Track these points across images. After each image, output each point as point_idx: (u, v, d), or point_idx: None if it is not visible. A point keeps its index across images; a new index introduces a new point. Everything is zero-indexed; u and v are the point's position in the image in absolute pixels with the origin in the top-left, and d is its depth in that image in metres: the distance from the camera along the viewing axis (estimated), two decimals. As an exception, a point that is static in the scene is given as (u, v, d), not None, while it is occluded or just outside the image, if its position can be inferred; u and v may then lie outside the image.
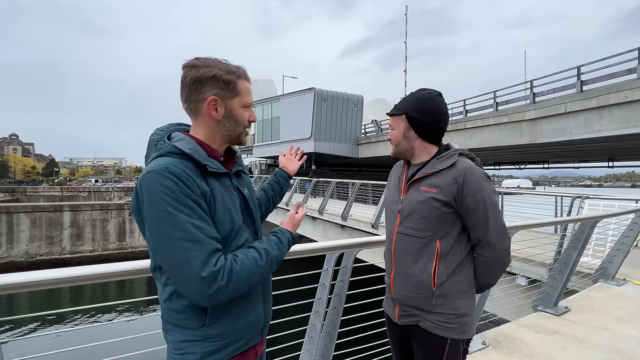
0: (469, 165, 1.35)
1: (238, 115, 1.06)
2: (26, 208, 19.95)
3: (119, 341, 1.58)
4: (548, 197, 8.77)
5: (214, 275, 0.88)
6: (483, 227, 1.33)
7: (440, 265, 1.35)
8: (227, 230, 1.00)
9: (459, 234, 1.37)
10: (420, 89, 1.46)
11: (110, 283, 12.78)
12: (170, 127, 1.10)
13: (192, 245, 0.88)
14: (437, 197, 1.35)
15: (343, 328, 2.18)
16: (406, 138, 1.45)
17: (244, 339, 1.04)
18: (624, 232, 4.44)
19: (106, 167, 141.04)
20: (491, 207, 1.32)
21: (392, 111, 1.48)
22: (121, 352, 1.56)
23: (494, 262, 1.38)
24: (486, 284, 1.45)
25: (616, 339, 2.95)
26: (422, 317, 1.39)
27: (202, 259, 0.88)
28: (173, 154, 0.97)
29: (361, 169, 25.60)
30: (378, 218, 8.97)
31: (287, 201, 14.25)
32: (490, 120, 13.08)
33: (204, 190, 0.96)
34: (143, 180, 0.92)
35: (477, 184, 1.32)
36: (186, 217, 0.89)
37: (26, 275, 1.21)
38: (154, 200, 0.90)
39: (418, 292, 1.38)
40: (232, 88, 1.04)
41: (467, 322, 1.37)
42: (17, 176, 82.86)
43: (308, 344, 2.09)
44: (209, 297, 0.90)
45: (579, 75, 10.49)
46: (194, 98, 1.02)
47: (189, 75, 1.00)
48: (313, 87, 21.84)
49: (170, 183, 0.90)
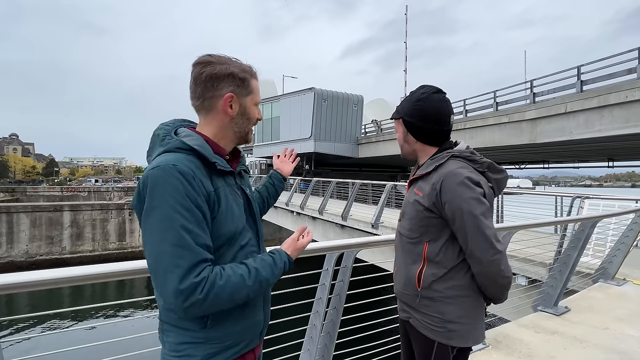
0: (451, 170, 1.27)
1: (251, 113, 1.07)
2: (26, 208, 19.95)
3: (118, 341, 1.58)
4: (548, 197, 8.77)
5: (193, 287, 0.84)
6: (463, 238, 1.26)
7: (428, 269, 1.33)
8: (231, 230, 0.98)
9: (448, 240, 1.31)
10: (419, 87, 1.42)
11: (110, 283, 12.79)
12: (175, 122, 1.07)
13: (180, 252, 0.85)
14: (420, 201, 1.33)
15: (343, 328, 2.18)
16: (406, 142, 1.44)
17: (243, 342, 1.03)
18: (624, 232, 4.44)
19: (106, 167, 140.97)
20: (469, 217, 1.21)
21: (393, 115, 1.46)
22: (121, 352, 1.56)
23: (484, 275, 1.27)
24: (492, 296, 1.33)
25: (616, 339, 2.95)
26: (411, 314, 1.42)
27: (185, 268, 0.85)
28: (181, 150, 0.95)
29: (361, 169, 25.59)
30: (378, 218, 8.97)
31: (286, 201, 14.26)
32: (490, 120, 13.08)
33: (208, 190, 0.94)
34: (149, 175, 0.89)
35: (455, 191, 1.23)
36: (183, 220, 0.87)
37: (26, 275, 1.21)
38: (156, 198, 0.87)
39: (407, 290, 1.41)
40: (247, 86, 1.04)
41: (456, 330, 1.30)
42: (17, 176, 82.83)
43: (308, 344, 2.09)
44: (183, 310, 0.86)
45: (579, 75, 10.49)
46: (210, 94, 1.00)
47: (205, 72, 0.99)
48: (313, 87, 21.82)
49: (175, 182, 0.87)
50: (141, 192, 0.90)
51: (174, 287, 0.84)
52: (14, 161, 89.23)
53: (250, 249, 1.05)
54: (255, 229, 1.10)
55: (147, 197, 0.88)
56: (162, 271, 0.86)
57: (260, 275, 0.97)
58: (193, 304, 0.85)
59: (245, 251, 1.03)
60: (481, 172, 1.32)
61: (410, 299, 1.40)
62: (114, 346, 1.58)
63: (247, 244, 1.04)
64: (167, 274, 0.85)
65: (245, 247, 1.03)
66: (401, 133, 1.44)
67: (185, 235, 0.86)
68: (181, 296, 0.84)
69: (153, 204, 0.87)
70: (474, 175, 1.27)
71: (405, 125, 1.41)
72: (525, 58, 32.38)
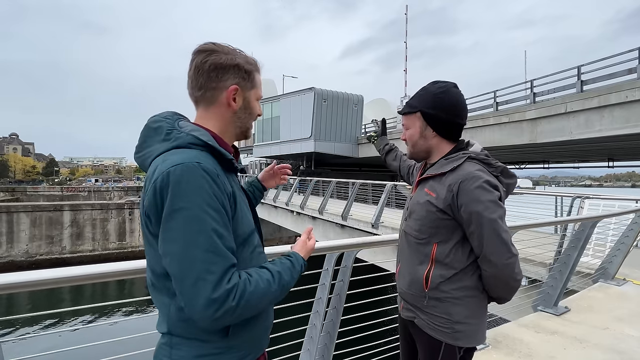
0: (469, 172, 1.25)
1: (253, 107, 1.02)
2: (26, 207, 19.96)
3: (118, 341, 1.58)
4: (548, 197, 8.77)
5: (226, 294, 0.78)
6: (478, 241, 1.24)
7: (436, 270, 1.31)
8: (246, 230, 0.93)
9: (459, 242, 1.29)
10: (433, 82, 1.38)
11: (110, 283, 12.78)
12: (174, 115, 0.97)
13: (212, 257, 0.79)
14: (433, 202, 1.30)
15: (343, 328, 2.18)
16: (423, 137, 1.38)
17: (259, 347, 0.99)
18: (624, 232, 4.44)
19: (106, 167, 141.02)
20: (487, 220, 1.20)
21: (405, 109, 1.40)
22: (121, 352, 1.56)
23: (496, 278, 1.27)
24: (498, 297, 1.34)
25: (616, 339, 2.95)
26: (416, 314, 1.39)
27: (218, 275, 0.78)
28: (194, 146, 0.87)
29: (361, 168, 25.59)
30: (378, 218, 8.98)
31: (287, 201, 14.26)
32: (491, 120, 13.08)
33: (229, 190, 0.87)
34: (170, 173, 0.80)
35: (473, 194, 1.21)
36: (214, 223, 0.80)
37: (26, 274, 1.21)
38: (182, 198, 0.79)
39: (412, 290, 1.38)
40: (252, 79, 0.99)
41: (463, 330, 1.30)
42: (17, 176, 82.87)
43: (308, 344, 2.09)
44: (213, 320, 0.78)
45: (579, 75, 10.49)
46: (213, 85, 0.93)
47: (209, 61, 0.91)
48: (313, 87, 21.83)
49: (202, 181, 0.80)
50: (159, 192, 0.80)
51: (207, 296, 0.77)
52: (14, 161, 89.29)
53: (259, 250, 1.02)
54: (258, 229, 1.08)
55: (169, 197, 0.79)
56: (192, 279, 0.78)
57: (283, 280, 0.92)
58: (226, 312, 0.78)
59: (257, 252, 0.99)
60: (495, 176, 1.31)
61: (415, 300, 1.38)
62: (114, 346, 1.57)
63: (258, 245, 1.00)
64: (198, 282, 0.77)
65: (257, 247, 0.99)
66: (418, 128, 1.37)
67: (216, 239, 0.80)
68: (214, 305, 0.77)
69: (178, 205, 0.79)
70: (492, 178, 1.26)
71: (424, 117, 1.35)
72: (525, 58, 32.39)
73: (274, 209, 16.00)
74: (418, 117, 1.37)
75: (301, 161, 24.28)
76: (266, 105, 24.92)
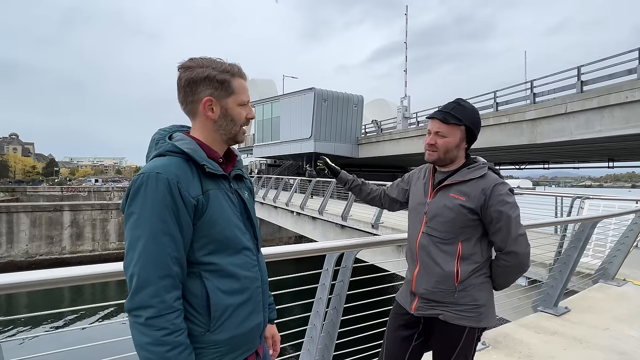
0: (496, 180, 1.48)
1: (234, 115, 1.05)
2: (26, 208, 19.94)
3: (118, 341, 1.57)
4: (548, 197, 8.76)
5: (136, 306, 0.88)
6: (505, 237, 1.45)
7: (462, 265, 1.47)
8: (224, 233, 0.99)
9: (479, 239, 1.50)
10: (459, 99, 1.54)
11: (110, 283, 12.72)
12: (172, 127, 1.09)
13: (147, 265, 0.88)
14: (465, 204, 1.47)
15: (343, 328, 2.18)
16: (458, 148, 1.52)
17: (245, 346, 1.03)
18: (624, 233, 4.45)
19: (106, 167, 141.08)
20: (514, 220, 1.44)
21: (452, 120, 1.48)
22: (121, 352, 1.55)
23: (515, 267, 1.49)
24: (501, 284, 1.56)
25: (616, 339, 2.95)
26: (442, 309, 1.50)
27: (140, 283, 0.88)
28: (172, 153, 0.97)
29: (361, 169, 25.57)
30: (378, 218, 8.97)
31: (286, 201, 14.25)
32: (491, 120, 13.07)
33: (194, 195, 0.94)
34: (134, 181, 0.92)
35: (503, 197, 1.44)
36: (159, 231, 0.89)
37: (26, 275, 1.21)
38: (136, 205, 0.90)
39: (440, 287, 1.49)
40: (227, 87, 1.03)
41: (484, 312, 1.50)
42: (17, 176, 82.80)
43: (308, 344, 2.09)
44: (133, 319, 0.89)
45: (579, 76, 10.50)
46: (190, 99, 1.02)
47: (183, 77, 1.00)
48: (313, 87, 21.84)
49: (154, 192, 0.90)
50: (125, 195, 0.94)
51: (128, 299, 0.89)
52: (14, 161, 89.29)
53: (245, 253, 1.05)
54: (252, 232, 1.10)
55: (127, 201, 0.92)
56: (128, 277, 0.91)
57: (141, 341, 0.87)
58: (136, 321, 0.89)
59: (241, 255, 1.03)
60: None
61: (442, 296, 1.50)
62: (113, 346, 1.57)
63: (245, 247, 1.04)
64: (131, 281, 0.89)
65: (240, 251, 1.03)
66: (457, 139, 1.50)
67: (153, 246, 0.89)
68: (131, 310, 0.89)
69: (130, 209, 0.91)
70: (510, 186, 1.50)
71: (467, 132, 1.51)
72: (525, 58, 32.33)
73: (274, 210, 15.99)
74: (461, 130, 1.51)
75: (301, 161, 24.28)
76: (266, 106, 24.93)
